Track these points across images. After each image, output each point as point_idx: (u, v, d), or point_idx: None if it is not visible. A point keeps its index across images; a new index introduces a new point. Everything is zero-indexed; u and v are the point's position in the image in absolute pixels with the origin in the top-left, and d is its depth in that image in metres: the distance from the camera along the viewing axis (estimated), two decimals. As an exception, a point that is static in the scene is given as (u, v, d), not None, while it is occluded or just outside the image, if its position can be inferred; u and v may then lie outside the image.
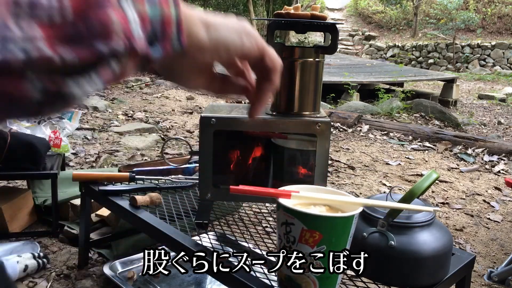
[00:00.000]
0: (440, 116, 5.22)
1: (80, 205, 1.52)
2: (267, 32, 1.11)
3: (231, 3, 14.32)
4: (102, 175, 1.45)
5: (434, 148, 3.64)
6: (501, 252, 1.97)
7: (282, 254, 0.79)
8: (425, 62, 13.83)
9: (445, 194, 2.64)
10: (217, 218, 1.41)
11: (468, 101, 8.55)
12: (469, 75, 11.90)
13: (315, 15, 1.05)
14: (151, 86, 6.26)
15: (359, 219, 0.90)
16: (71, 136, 3.31)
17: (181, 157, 1.96)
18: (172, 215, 1.26)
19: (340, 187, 2.63)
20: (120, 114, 4.33)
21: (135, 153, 3.05)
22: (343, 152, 3.43)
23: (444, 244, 0.88)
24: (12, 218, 1.79)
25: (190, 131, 3.85)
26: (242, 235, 1.25)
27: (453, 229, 2.17)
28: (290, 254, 0.77)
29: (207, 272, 1.01)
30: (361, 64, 10.62)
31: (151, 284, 1.45)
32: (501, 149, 3.47)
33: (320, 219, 0.75)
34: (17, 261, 1.49)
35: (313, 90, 1.10)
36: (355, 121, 4.34)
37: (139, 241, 1.70)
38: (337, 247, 0.76)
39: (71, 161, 2.80)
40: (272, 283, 0.88)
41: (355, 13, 17.84)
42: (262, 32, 14.45)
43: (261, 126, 1.09)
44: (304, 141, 1.12)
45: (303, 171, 1.12)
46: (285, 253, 0.78)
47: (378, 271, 0.87)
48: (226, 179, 1.16)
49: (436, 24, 14.46)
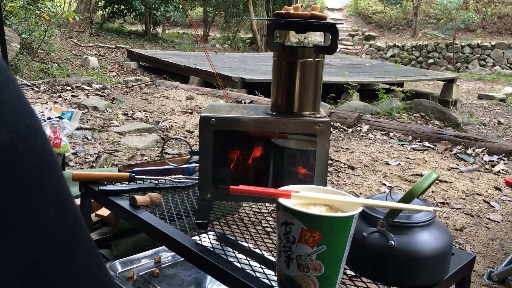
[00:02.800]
0: (440, 116, 5.22)
1: (80, 205, 1.52)
2: (267, 32, 1.11)
3: (231, 3, 14.31)
4: (102, 175, 1.45)
5: (434, 148, 3.64)
6: (501, 252, 1.97)
7: (282, 254, 0.79)
8: (425, 62, 13.83)
9: (445, 194, 2.63)
10: (217, 218, 1.41)
11: (468, 101, 8.55)
12: (469, 75, 11.90)
13: (315, 15, 1.05)
14: (151, 86, 6.26)
15: (359, 219, 0.90)
16: (71, 136, 3.31)
17: (181, 157, 1.96)
18: (172, 215, 1.26)
19: (340, 187, 2.63)
20: (120, 114, 4.33)
21: (135, 153, 3.05)
22: (343, 152, 3.43)
23: (444, 244, 0.88)
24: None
25: (190, 131, 3.85)
26: (242, 235, 1.25)
27: (453, 229, 2.17)
28: (290, 254, 0.77)
29: (207, 272, 1.01)
30: (361, 64, 10.62)
31: (151, 284, 1.45)
32: (501, 149, 3.47)
33: (320, 219, 0.75)
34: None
35: (313, 90, 1.10)
36: (355, 121, 4.34)
37: (139, 241, 1.70)
38: (337, 247, 0.76)
39: (71, 161, 2.80)
40: (272, 283, 0.88)
41: (355, 13, 17.84)
42: (262, 32, 14.47)
43: (261, 126, 1.09)
44: (304, 141, 1.12)
45: (303, 171, 1.12)
46: (285, 253, 0.78)
47: (378, 271, 0.87)
48: (226, 179, 1.16)
49: (436, 24, 14.46)
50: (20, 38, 6.60)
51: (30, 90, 5.21)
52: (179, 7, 12.55)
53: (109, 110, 4.47)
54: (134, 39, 12.48)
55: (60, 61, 8.10)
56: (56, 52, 8.29)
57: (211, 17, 15.72)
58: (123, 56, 10.34)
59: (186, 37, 15.49)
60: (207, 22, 15.63)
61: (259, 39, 14.30)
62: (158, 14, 12.51)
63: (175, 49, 12.41)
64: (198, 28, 15.34)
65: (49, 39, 7.76)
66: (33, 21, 7.11)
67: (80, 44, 10.29)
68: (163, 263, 1.58)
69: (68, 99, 4.83)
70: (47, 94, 5.08)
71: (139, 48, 11.23)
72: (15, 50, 6.15)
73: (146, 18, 12.82)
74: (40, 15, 7.07)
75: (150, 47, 11.93)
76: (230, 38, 14.87)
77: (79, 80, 6.10)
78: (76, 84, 5.78)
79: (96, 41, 11.06)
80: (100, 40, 11.33)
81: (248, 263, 1.04)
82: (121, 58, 10.17)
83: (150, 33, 13.13)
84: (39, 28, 7.07)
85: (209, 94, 5.76)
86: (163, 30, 14.83)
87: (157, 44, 12.61)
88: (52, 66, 7.30)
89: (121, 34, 12.75)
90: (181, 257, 1.45)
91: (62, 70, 7.37)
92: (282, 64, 1.10)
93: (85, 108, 4.38)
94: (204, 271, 1.02)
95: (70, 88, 5.58)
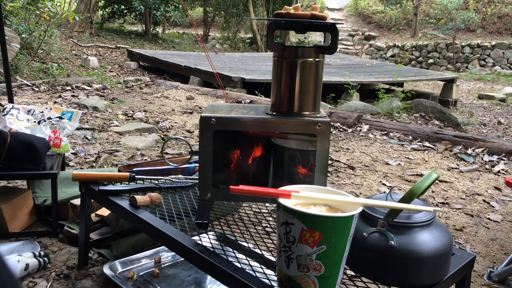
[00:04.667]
0: (440, 116, 5.22)
1: (80, 205, 1.52)
2: (267, 32, 1.11)
3: (231, 3, 14.31)
4: (102, 175, 1.45)
5: (434, 148, 3.64)
6: (501, 252, 1.97)
7: (282, 254, 0.79)
8: (425, 62, 13.83)
9: (445, 194, 2.63)
10: (217, 218, 1.41)
11: (468, 101, 8.55)
12: (469, 75, 11.90)
13: (315, 15, 1.05)
14: (151, 86, 6.26)
15: (359, 219, 0.90)
16: (71, 136, 3.31)
17: (181, 157, 1.96)
18: (172, 215, 1.26)
19: (340, 187, 2.63)
20: (120, 114, 4.33)
21: (135, 153, 3.05)
22: (343, 152, 3.43)
23: (444, 244, 0.88)
24: (12, 218, 1.79)
25: (190, 131, 3.85)
26: (242, 235, 1.25)
27: (453, 229, 2.17)
28: (290, 254, 0.77)
29: (207, 272, 1.01)
30: (361, 64, 10.62)
31: (151, 284, 1.45)
32: (501, 149, 3.47)
33: (320, 219, 0.75)
34: (17, 260, 1.49)
35: (313, 90, 1.10)
36: (355, 121, 4.34)
37: (139, 241, 1.70)
38: (337, 247, 0.76)
39: (71, 161, 2.80)
40: (272, 283, 0.88)
41: (355, 13, 17.83)
42: (262, 32, 14.46)
43: (261, 126, 1.09)
44: (304, 141, 1.12)
45: (303, 171, 1.12)
46: (285, 253, 0.78)
47: (378, 271, 0.87)
48: (226, 179, 1.16)
49: (436, 24, 14.46)
50: (20, 38, 6.59)
51: (30, 90, 5.21)
52: (179, 7, 12.55)
53: (109, 110, 4.47)
54: (134, 39, 12.48)
55: (60, 61, 8.10)
56: (56, 52, 8.29)
57: (211, 17, 15.72)
58: (123, 56, 10.34)
59: (186, 37, 15.49)
60: (207, 22, 15.62)
61: (259, 39, 14.30)
62: (158, 14, 12.51)
63: (175, 49, 12.41)
64: (198, 28, 15.34)
65: (49, 39, 7.76)
66: (33, 21, 7.11)
67: (80, 44, 10.29)
68: (163, 263, 1.58)
69: (68, 99, 4.83)
70: (47, 94, 5.08)
71: (139, 48, 11.23)
72: (15, 50, 6.15)
73: (146, 18, 12.82)
74: (40, 15, 7.07)
75: (150, 47, 11.93)
76: (230, 38, 14.87)
77: (79, 80, 6.10)
78: (76, 84, 5.78)
79: (96, 41, 11.06)
80: (100, 40, 11.33)
81: (248, 263, 1.04)
82: (121, 58, 10.17)
83: (150, 33, 13.13)
84: (39, 28, 7.07)
85: (209, 94, 5.76)
86: (163, 30, 14.83)
87: (157, 44, 12.61)
88: (52, 66, 7.30)
89: (121, 34, 12.75)
90: (181, 257, 1.45)
91: (62, 70, 7.37)
92: (282, 64, 1.10)
93: (85, 108, 4.38)
94: (204, 271, 1.02)
95: (70, 88, 5.58)
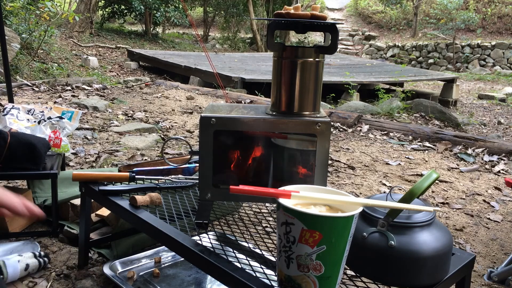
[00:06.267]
0: (440, 116, 5.22)
1: (80, 205, 1.52)
2: (267, 32, 1.11)
3: (231, 3, 14.31)
4: (102, 175, 1.45)
5: (434, 148, 3.64)
6: (501, 252, 1.97)
7: (282, 254, 0.79)
8: (425, 62, 13.83)
9: (445, 194, 2.63)
10: (217, 218, 1.41)
11: (468, 101, 8.55)
12: (469, 75, 11.90)
13: (315, 15, 1.05)
14: (151, 86, 6.26)
15: (359, 219, 0.90)
16: (71, 136, 3.31)
17: (181, 157, 1.96)
18: (172, 215, 1.26)
19: (340, 187, 2.63)
20: (120, 114, 4.33)
21: (135, 153, 3.05)
22: (343, 152, 3.43)
23: (444, 244, 0.88)
24: (12, 218, 1.79)
25: (190, 131, 3.85)
26: (242, 235, 1.25)
27: (453, 229, 2.17)
28: (290, 254, 0.77)
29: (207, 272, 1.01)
30: (361, 64, 10.62)
31: (151, 284, 1.45)
32: (501, 149, 3.47)
33: (320, 219, 0.75)
34: (18, 260, 1.49)
35: (313, 90, 1.10)
36: (355, 121, 4.34)
37: (139, 241, 1.70)
38: (337, 247, 0.76)
39: (71, 161, 2.80)
40: (272, 283, 0.88)
41: (355, 13, 17.83)
42: (262, 32, 14.46)
43: (261, 126, 1.09)
44: (304, 141, 1.12)
45: (303, 171, 1.12)
46: (285, 253, 0.78)
47: (378, 271, 0.87)
48: (226, 179, 1.16)
49: (436, 24, 14.46)
50: (20, 38, 6.59)
51: (30, 90, 5.21)
52: (179, 7, 12.55)
53: (109, 110, 4.47)
54: (134, 39, 12.48)
55: (60, 61, 8.10)
56: (56, 52, 8.29)
57: (211, 17, 15.72)
58: (123, 56, 10.34)
59: (186, 37, 15.49)
60: (207, 22, 15.62)
61: (259, 39, 14.30)
62: (158, 14, 12.51)
63: (175, 49, 12.41)
64: (198, 28, 15.34)
65: (49, 39, 7.76)
66: (33, 21, 7.11)
67: (80, 44, 10.29)
68: (163, 263, 1.58)
69: (68, 99, 4.83)
70: (47, 94, 5.08)
71: (139, 48, 11.23)
72: (15, 50, 6.15)
73: (146, 18, 12.82)
74: (40, 15, 7.07)
75: (150, 47, 11.93)
76: (230, 38, 14.87)
77: (79, 80, 6.10)
78: (76, 84, 5.78)
79: (96, 41, 11.06)
80: (100, 40, 11.33)
81: (248, 263, 1.04)
82: (121, 58, 10.17)
83: (150, 33, 13.13)
84: (39, 28, 7.06)
85: (209, 94, 5.76)
86: (163, 30, 14.83)
87: (157, 44, 12.61)
88: (52, 66, 7.30)
89: (121, 34, 12.75)
90: (181, 257, 1.45)
91: (62, 70, 7.36)
92: (282, 64, 1.10)
93: (85, 108, 4.38)
94: (204, 271, 1.02)
95: (70, 88, 5.58)
